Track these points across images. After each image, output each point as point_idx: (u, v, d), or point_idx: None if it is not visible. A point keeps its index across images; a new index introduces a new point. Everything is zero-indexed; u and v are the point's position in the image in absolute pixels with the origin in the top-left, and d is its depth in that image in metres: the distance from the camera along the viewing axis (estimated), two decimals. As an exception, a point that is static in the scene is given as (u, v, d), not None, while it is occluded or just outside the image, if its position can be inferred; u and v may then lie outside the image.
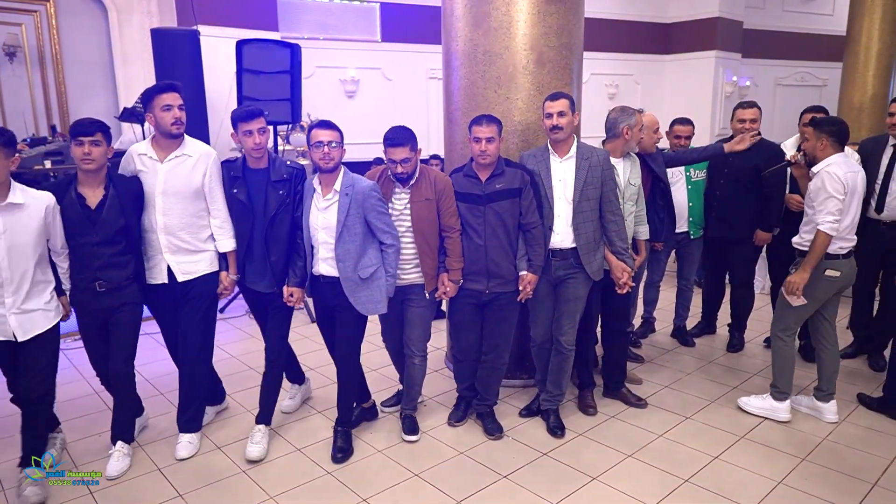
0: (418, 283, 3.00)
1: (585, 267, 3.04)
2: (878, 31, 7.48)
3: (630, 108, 3.22)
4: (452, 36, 3.60)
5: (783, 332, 3.33)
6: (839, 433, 3.19)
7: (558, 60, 3.46)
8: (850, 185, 3.08)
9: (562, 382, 3.24)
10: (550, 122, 2.97)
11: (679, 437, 3.16)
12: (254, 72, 4.81)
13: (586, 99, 8.88)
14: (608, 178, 3.03)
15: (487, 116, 2.92)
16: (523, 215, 2.96)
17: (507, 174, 2.94)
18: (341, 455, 2.97)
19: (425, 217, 2.91)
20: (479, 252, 2.96)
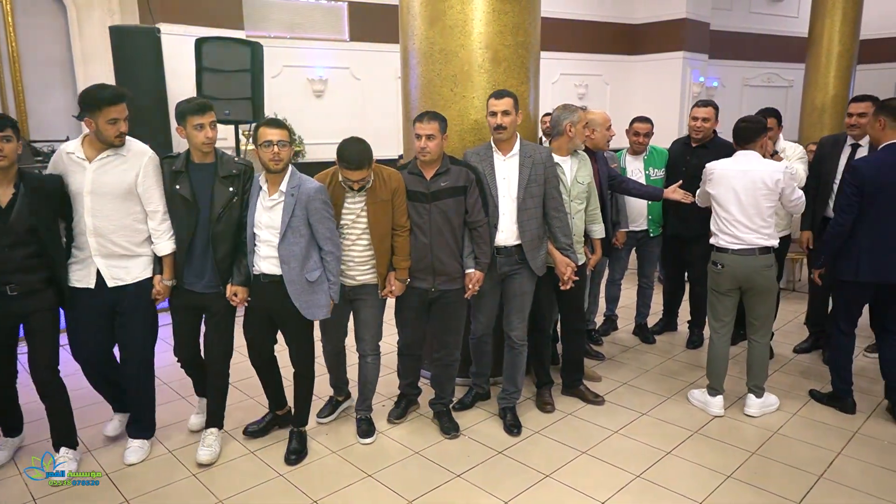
0: (371, 284, 2.98)
1: (530, 263, 3.06)
2: (839, 33, 7.63)
3: (572, 106, 3.23)
4: (409, 34, 3.59)
5: (712, 326, 3.46)
6: (790, 427, 3.24)
7: (514, 59, 3.47)
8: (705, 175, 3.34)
9: (517, 379, 3.25)
10: (495, 121, 2.97)
11: (634, 433, 3.19)
12: (214, 70, 4.75)
13: (557, 99, 9.01)
14: (551, 176, 3.06)
15: (430, 113, 2.90)
16: (469, 213, 2.96)
17: (452, 172, 2.94)
18: (295, 457, 2.93)
19: (382, 219, 2.87)
20: (424, 250, 2.95)
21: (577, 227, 3.27)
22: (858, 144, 3.85)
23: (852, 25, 7.60)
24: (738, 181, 3.19)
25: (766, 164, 3.21)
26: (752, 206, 3.17)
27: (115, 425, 3.17)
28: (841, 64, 7.66)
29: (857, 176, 3.11)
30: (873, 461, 2.91)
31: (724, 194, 3.23)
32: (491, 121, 2.99)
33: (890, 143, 3.12)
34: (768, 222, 3.20)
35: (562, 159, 3.24)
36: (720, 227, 3.28)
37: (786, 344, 4.35)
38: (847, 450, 3.01)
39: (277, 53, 7.30)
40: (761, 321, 3.35)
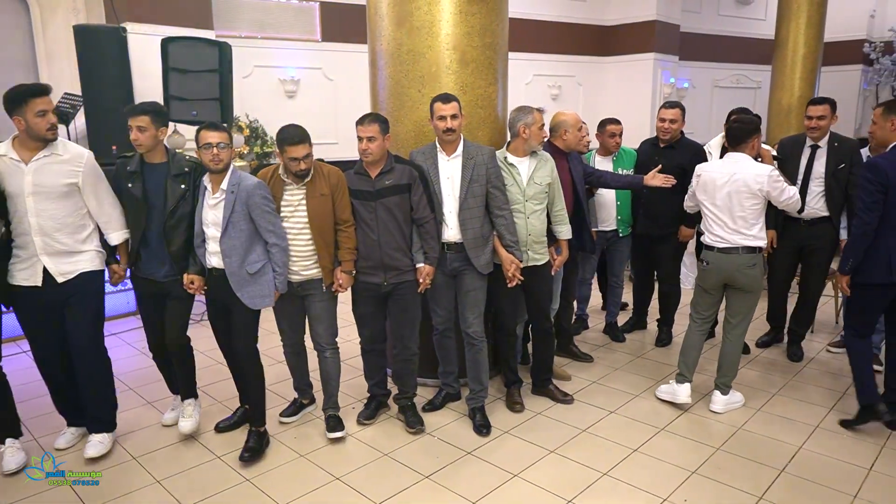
0: (318, 279, 3.03)
1: (473, 261, 3.11)
2: (804, 35, 7.77)
3: (528, 107, 3.23)
4: (377, 35, 3.58)
5: (692, 316, 3.53)
6: (754, 422, 3.30)
7: (482, 60, 3.48)
8: (694, 180, 3.35)
9: (481, 377, 3.27)
10: (444, 125, 3.02)
11: (602, 432, 3.22)
12: (181, 70, 4.68)
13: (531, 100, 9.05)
14: (493, 176, 3.11)
15: (370, 115, 2.98)
16: (415, 210, 3.03)
17: (396, 171, 3.00)
18: (248, 455, 2.94)
19: (321, 212, 2.94)
20: (373, 246, 3.02)
21: (533, 228, 3.26)
22: (818, 146, 3.93)
23: (817, 28, 7.76)
24: (723, 183, 3.21)
25: (753, 168, 3.20)
26: (737, 207, 3.20)
27: (69, 438, 3.13)
28: (806, 66, 7.81)
29: (879, 173, 2.98)
30: (834, 455, 2.97)
31: (710, 196, 3.27)
32: (440, 124, 3.03)
33: None
34: (752, 223, 3.21)
35: (518, 160, 3.26)
36: (707, 225, 3.33)
37: (749, 340, 4.42)
38: (808, 444, 3.07)
39: (248, 53, 7.22)
40: (738, 319, 3.38)
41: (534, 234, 3.27)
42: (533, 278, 3.29)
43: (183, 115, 4.74)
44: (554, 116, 3.59)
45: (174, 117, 4.75)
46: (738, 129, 3.28)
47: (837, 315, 4.94)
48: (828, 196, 3.91)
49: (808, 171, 3.94)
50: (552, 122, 3.53)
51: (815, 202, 3.93)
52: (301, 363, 3.34)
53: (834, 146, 3.89)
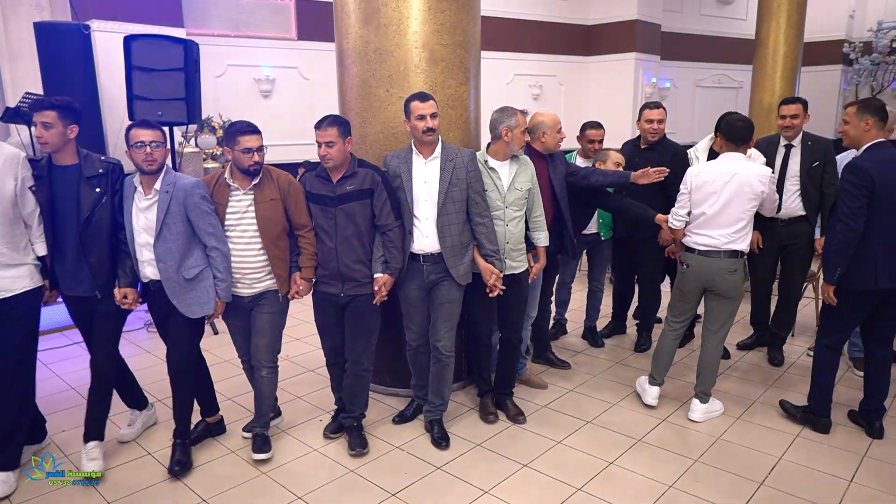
0: (272, 290, 2.88)
1: (451, 271, 2.96)
2: (784, 34, 7.74)
3: (511, 108, 3.10)
4: (343, 32, 3.45)
5: (668, 319, 3.47)
6: (733, 432, 3.20)
7: (452, 59, 3.35)
8: (690, 184, 3.19)
9: (443, 391, 3.14)
10: (424, 125, 2.86)
11: (577, 443, 3.11)
12: (145, 69, 4.50)
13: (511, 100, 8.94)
14: (474, 180, 2.96)
15: (328, 118, 2.81)
16: (377, 217, 2.88)
17: (358, 175, 2.85)
18: (179, 468, 2.81)
19: (270, 218, 2.79)
20: (330, 255, 2.87)
21: (512, 235, 3.13)
22: (791, 145, 3.91)
23: (797, 28, 7.74)
24: (724, 184, 3.08)
25: (754, 168, 3.13)
26: (736, 210, 3.09)
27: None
28: (786, 65, 7.78)
29: (863, 176, 2.83)
30: (815, 466, 2.88)
31: (706, 197, 3.13)
32: (419, 124, 2.87)
33: (875, 143, 2.93)
34: (744, 226, 3.13)
35: (498, 164, 3.12)
36: (693, 227, 3.21)
37: (730, 344, 4.34)
38: (789, 455, 2.98)
39: (221, 52, 7.05)
40: (717, 326, 3.29)
41: (512, 241, 3.13)
42: (509, 287, 3.15)
43: (148, 115, 4.52)
44: (532, 117, 3.43)
45: (138, 118, 4.56)
46: (742, 128, 3.14)
47: (818, 318, 4.88)
48: (804, 195, 3.88)
49: (783, 171, 3.90)
50: (530, 123, 3.39)
51: (791, 201, 3.89)
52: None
53: (807, 145, 3.88)
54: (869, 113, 2.95)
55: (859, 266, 2.92)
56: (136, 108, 4.54)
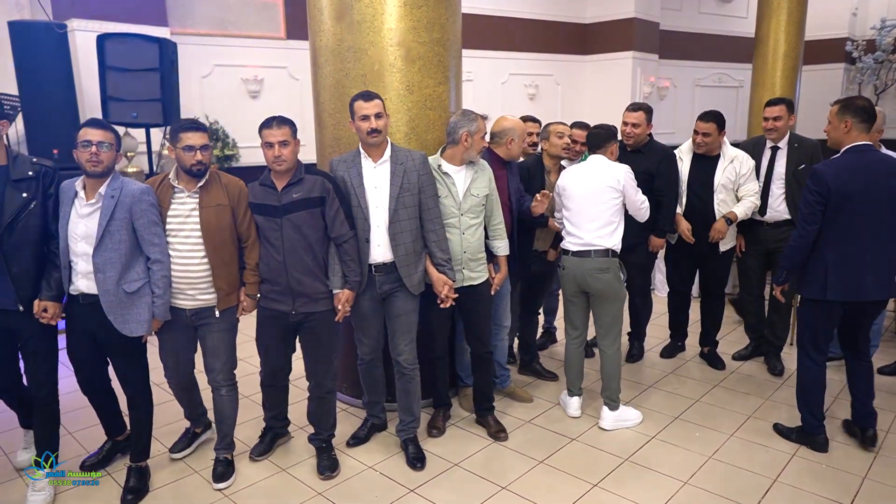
0: (213, 305, 2.68)
1: (404, 280, 2.79)
2: (785, 32, 7.58)
3: (472, 113, 2.93)
4: (316, 30, 3.29)
5: (566, 331, 3.41)
6: (726, 451, 3.03)
7: (430, 57, 3.19)
8: (558, 185, 3.27)
9: (413, 408, 2.97)
10: (368, 125, 2.69)
11: (561, 464, 2.94)
12: (119, 69, 4.35)
13: (507, 100, 8.78)
14: (426, 184, 2.79)
15: (278, 118, 2.63)
16: (330, 227, 2.69)
17: (306, 182, 2.66)
18: (132, 497, 2.63)
19: (216, 225, 2.60)
20: (279, 269, 2.66)
21: (469, 244, 2.95)
22: (777, 147, 3.76)
23: (797, 26, 7.57)
24: (581, 184, 3.16)
25: (609, 165, 3.19)
26: (593, 208, 3.12)
27: None
28: (787, 64, 7.61)
29: (820, 182, 2.74)
30: (812, 489, 2.71)
31: (570, 196, 3.18)
32: (363, 125, 2.70)
33: (854, 146, 2.78)
34: (608, 223, 3.12)
35: (454, 169, 2.94)
36: (566, 228, 3.24)
37: (725, 354, 4.16)
38: (784, 476, 2.81)
39: (208, 52, 6.90)
40: (605, 328, 3.23)
41: (469, 250, 2.96)
42: (469, 299, 2.99)
43: (122, 117, 4.41)
44: (497, 122, 3.25)
45: (113, 119, 4.42)
46: (597, 135, 3.26)
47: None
48: (788, 198, 3.72)
49: (769, 173, 3.77)
50: (495, 127, 3.22)
51: (777, 204, 3.76)
52: (192, 395, 2.98)
53: (794, 147, 3.73)
54: (849, 113, 2.77)
55: (812, 274, 2.85)
56: (111, 109, 4.41)
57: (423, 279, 2.85)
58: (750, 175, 3.73)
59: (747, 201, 3.71)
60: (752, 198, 3.72)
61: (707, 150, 3.74)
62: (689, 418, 3.36)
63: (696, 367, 4.06)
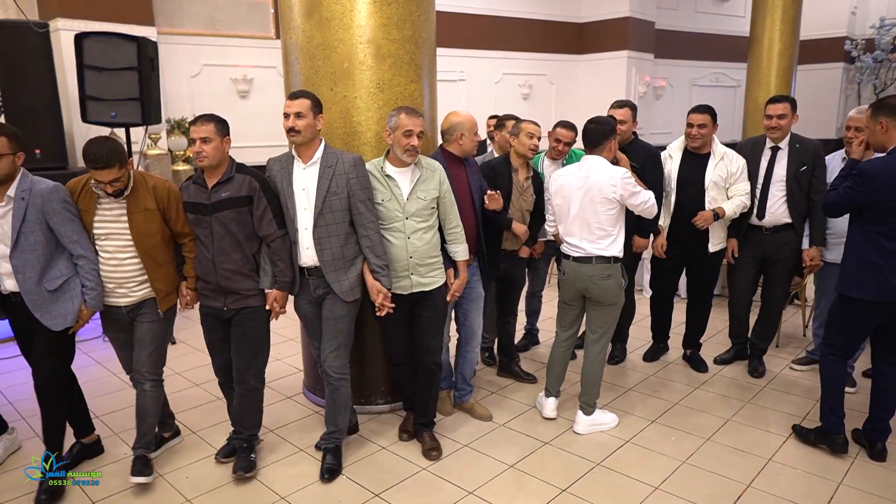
0: (151, 297, 2.69)
1: (333, 286, 2.73)
2: (779, 31, 7.50)
3: (397, 109, 2.81)
4: (287, 27, 3.25)
5: (556, 332, 3.35)
6: (701, 455, 2.97)
7: (401, 54, 3.14)
8: (550, 189, 3.19)
9: (337, 419, 2.88)
10: (287, 124, 2.65)
11: (529, 468, 2.88)
12: (97, 68, 4.32)
13: (500, 100, 8.71)
14: (357, 188, 2.70)
15: (205, 116, 2.61)
16: (257, 227, 2.66)
17: (235, 181, 2.64)
18: (45, 497, 2.59)
19: (147, 230, 2.60)
20: (209, 266, 2.67)
21: (416, 249, 2.82)
22: (779, 147, 3.63)
23: (792, 24, 7.49)
24: (578, 188, 3.03)
25: (607, 171, 3.00)
26: (591, 214, 3.01)
27: None
28: (782, 63, 7.54)
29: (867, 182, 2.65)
30: (785, 495, 2.65)
31: (567, 202, 3.08)
32: (284, 123, 2.68)
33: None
34: (607, 231, 3.01)
35: (397, 171, 2.82)
36: (561, 233, 3.15)
37: (707, 357, 4.09)
38: (758, 481, 2.75)
39: (196, 51, 6.89)
40: (597, 335, 3.17)
41: (417, 256, 2.83)
42: (420, 306, 2.91)
43: (101, 116, 4.39)
44: (445, 118, 3.15)
45: (91, 119, 4.39)
46: (594, 130, 3.06)
47: (805, 328, 4.63)
48: (789, 201, 3.61)
49: (768, 175, 3.64)
50: (444, 124, 3.12)
51: (776, 208, 3.63)
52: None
53: (795, 147, 3.60)
54: (883, 113, 2.68)
55: (849, 272, 2.75)
56: (89, 108, 4.38)
57: (357, 285, 2.77)
58: (741, 174, 3.66)
59: (737, 199, 3.63)
60: (742, 197, 3.63)
61: (702, 144, 3.64)
62: (667, 422, 3.30)
63: (678, 370, 4.00)
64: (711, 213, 3.60)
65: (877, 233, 2.68)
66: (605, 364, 3.26)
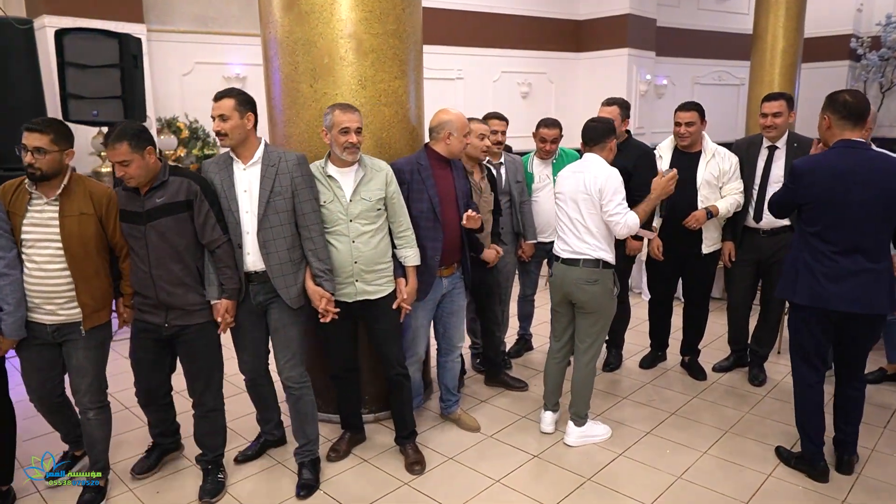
0: (78, 321, 2.46)
1: (280, 292, 2.58)
2: (783, 28, 7.36)
3: (332, 106, 2.64)
4: (265, 21, 3.13)
5: (550, 342, 3.21)
6: (697, 470, 2.83)
7: (384, 50, 3.01)
8: (557, 187, 3.07)
9: (306, 430, 2.74)
10: (214, 127, 2.52)
11: (516, 483, 2.74)
12: (78, 65, 4.21)
13: (498, 99, 8.57)
14: (301, 188, 2.55)
15: (115, 132, 2.37)
16: (200, 233, 2.49)
17: (170, 186, 2.46)
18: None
19: (78, 235, 2.39)
20: (146, 280, 2.47)
21: (361, 254, 2.66)
22: (776, 146, 3.48)
23: (796, 21, 7.34)
24: (571, 185, 2.95)
25: (594, 169, 2.90)
26: (575, 211, 2.92)
27: None
28: (785, 60, 7.39)
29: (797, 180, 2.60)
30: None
31: (561, 197, 3.01)
32: (213, 126, 2.54)
33: (841, 141, 2.55)
34: (594, 231, 2.89)
35: (339, 171, 2.66)
36: (557, 231, 3.06)
37: (706, 363, 3.95)
38: (756, 500, 2.61)
39: (188, 49, 6.78)
40: (585, 344, 3.02)
41: (363, 261, 2.67)
42: (369, 315, 2.77)
43: (83, 115, 4.27)
44: (435, 115, 2.98)
45: (73, 118, 4.28)
46: (594, 129, 2.99)
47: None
48: None
49: (765, 175, 3.49)
50: (432, 121, 2.97)
51: None
52: (65, 417, 2.72)
53: (793, 147, 3.45)
54: (829, 109, 2.59)
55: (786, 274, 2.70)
56: (71, 106, 4.27)
57: (303, 291, 2.63)
58: (734, 173, 3.52)
59: (731, 198, 3.50)
60: (736, 196, 3.50)
61: (690, 142, 3.53)
62: (662, 433, 3.16)
63: (676, 378, 3.85)
64: (704, 212, 3.47)
65: (810, 233, 2.58)
66: (595, 374, 3.11)
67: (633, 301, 4.56)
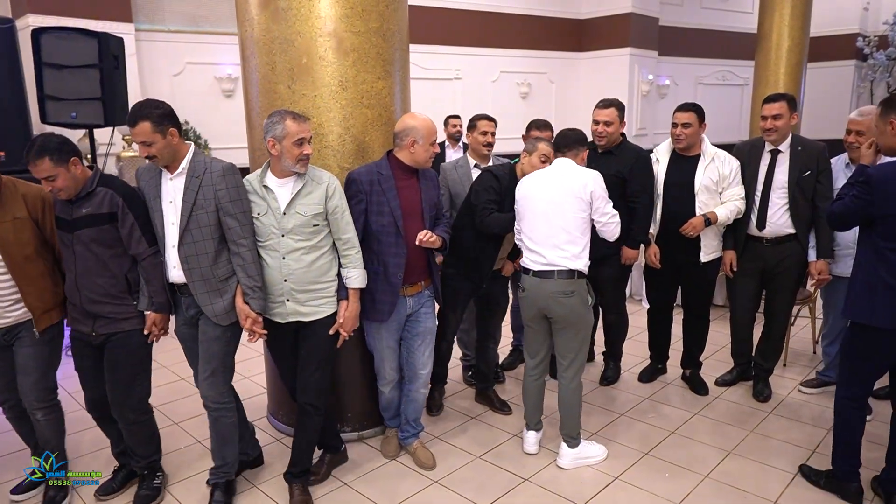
0: (27, 320, 2.44)
1: (203, 309, 2.43)
2: (788, 27, 7.18)
3: (280, 113, 2.42)
4: (244, 19, 2.96)
5: (525, 360, 3.08)
6: (698, 496, 2.66)
7: (367, 49, 2.85)
8: (517, 194, 2.91)
9: (224, 452, 2.58)
10: (140, 153, 2.37)
11: None
12: (56, 66, 4.05)
13: (497, 99, 8.41)
14: (225, 200, 2.37)
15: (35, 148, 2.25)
16: (126, 245, 2.40)
17: (95, 196, 2.36)
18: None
19: (15, 240, 2.36)
20: (72, 289, 2.43)
21: (292, 271, 2.46)
22: (778, 150, 3.30)
23: (802, 20, 7.15)
24: (544, 190, 2.79)
25: (578, 171, 2.83)
26: (558, 218, 2.75)
27: None
28: (791, 60, 7.20)
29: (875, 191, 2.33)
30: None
31: (531, 206, 2.82)
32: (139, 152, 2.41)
33: None
34: (574, 239, 2.75)
35: (278, 183, 2.47)
36: (524, 243, 2.88)
37: (708, 377, 3.77)
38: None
39: (179, 49, 6.63)
40: (567, 359, 2.86)
41: (294, 279, 2.47)
42: (301, 337, 2.57)
43: (61, 117, 4.11)
44: (401, 119, 2.78)
45: (50, 120, 4.12)
46: (566, 136, 2.95)
47: (815, 343, 4.30)
48: (792, 209, 3.28)
49: (768, 181, 3.32)
50: (397, 126, 2.77)
51: (778, 217, 3.31)
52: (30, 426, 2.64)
53: (797, 150, 3.27)
54: (894, 111, 2.35)
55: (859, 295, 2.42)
56: (48, 108, 4.11)
57: (231, 308, 2.46)
58: (735, 178, 3.35)
59: (731, 204, 3.33)
60: (736, 201, 3.33)
61: (687, 144, 3.36)
62: (661, 454, 2.99)
63: (676, 392, 3.68)
64: (702, 218, 3.30)
65: (889, 249, 2.33)
66: (581, 390, 2.94)
67: (633, 309, 4.40)
